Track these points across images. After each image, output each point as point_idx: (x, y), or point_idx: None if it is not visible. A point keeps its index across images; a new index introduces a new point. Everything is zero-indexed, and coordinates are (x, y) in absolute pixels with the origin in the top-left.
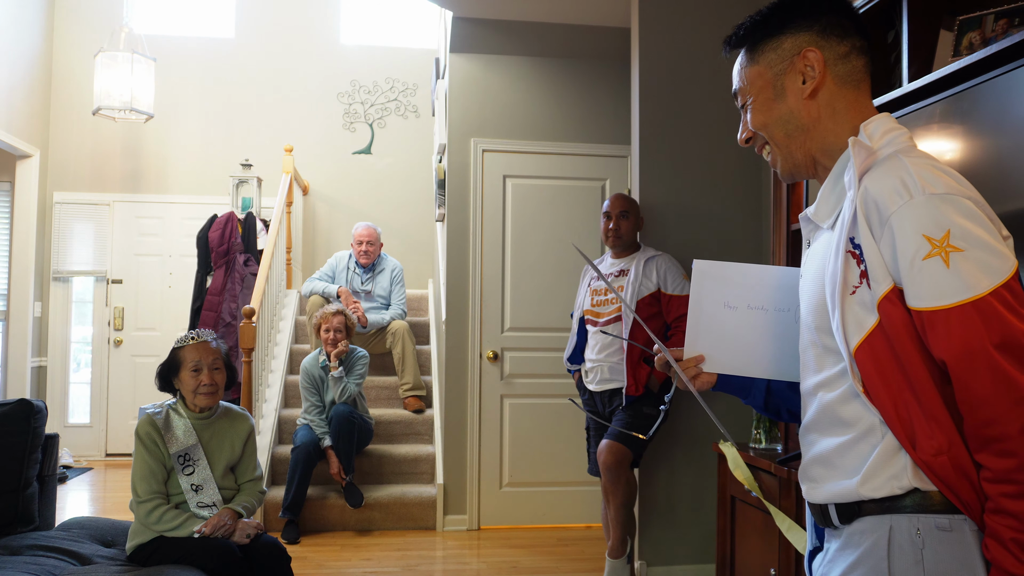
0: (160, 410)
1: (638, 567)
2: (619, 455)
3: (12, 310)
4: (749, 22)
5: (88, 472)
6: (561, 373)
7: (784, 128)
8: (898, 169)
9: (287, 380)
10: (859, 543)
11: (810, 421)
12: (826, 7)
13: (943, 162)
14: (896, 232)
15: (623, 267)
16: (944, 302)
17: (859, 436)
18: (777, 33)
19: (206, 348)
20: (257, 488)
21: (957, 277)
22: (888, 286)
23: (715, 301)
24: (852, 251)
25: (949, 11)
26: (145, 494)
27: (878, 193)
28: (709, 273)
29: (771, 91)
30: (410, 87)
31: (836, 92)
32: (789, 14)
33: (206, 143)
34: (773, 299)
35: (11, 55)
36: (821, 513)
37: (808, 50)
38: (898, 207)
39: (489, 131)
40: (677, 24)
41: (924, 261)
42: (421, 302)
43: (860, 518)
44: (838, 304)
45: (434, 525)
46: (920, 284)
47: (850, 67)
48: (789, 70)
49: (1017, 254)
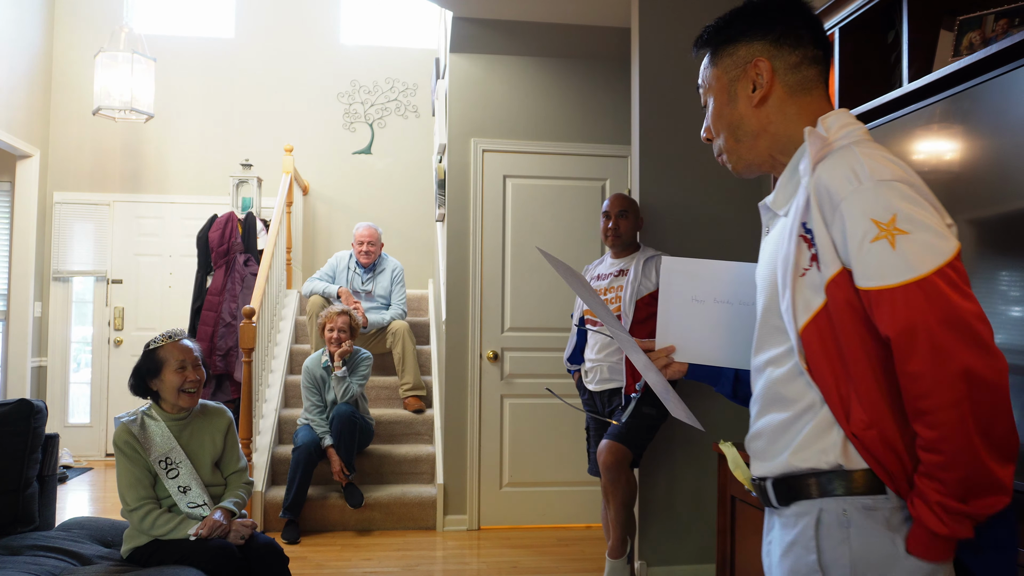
0: (135, 417)
1: (638, 567)
2: (619, 455)
3: (12, 310)
4: (712, 26)
5: (88, 472)
6: (561, 373)
7: (733, 132)
8: (849, 158)
9: (287, 380)
10: (795, 524)
11: (757, 395)
12: (781, 17)
13: (942, 162)
14: (846, 217)
15: (623, 267)
16: (890, 282)
17: (799, 413)
18: (734, 40)
19: (186, 347)
20: (243, 479)
21: (903, 258)
22: (836, 269)
23: (683, 295)
24: (804, 235)
25: (949, 11)
26: (135, 501)
27: (830, 180)
28: (678, 269)
29: (725, 95)
30: (410, 87)
31: (786, 99)
32: (746, 22)
33: (206, 143)
34: (737, 293)
35: (11, 55)
36: (761, 491)
37: (758, 60)
38: (848, 193)
39: (489, 131)
40: (677, 24)
41: (872, 243)
42: (421, 302)
43: (797, 502)
44: (789, 285)
45: (434, 525)
46: (868, 265)
47: (801, 77)
48: (741, 77)
49: (1017, 254)
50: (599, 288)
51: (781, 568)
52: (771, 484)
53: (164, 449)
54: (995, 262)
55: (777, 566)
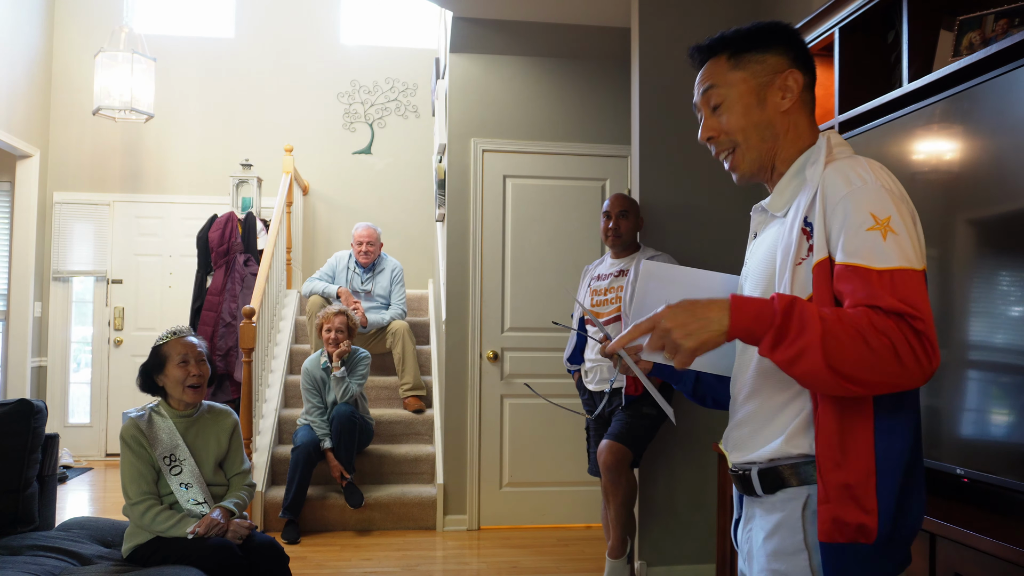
0: (143, 413)
1: (638, 567)
2: (619, 455)
3: (12, 310)
4: (734, 32)
5: (88, 472)
6: (561, 373)
7: (761, 133)
8: (859, 164)
9: (287, 380)
10: (781, 509)
11: (745, 384)
12: (800, 42)
13: (942, 162)
14: (850, 206)
15: (623, 267)
16: (875, 264)
17: (789, 399)
18: (763, 48)
19: (189, 343)
20: (245, 481)
21: (889, 250)
22: (823, 255)
23: (657, 298)
24: (805, 228)
25: (949, 11)
26: (136, 496)
27: (842, 176)
28: (655, 274)
29: (753, 98)
30: (410, 87)
31: (799, 113)
32: (774, 35)
33: (206, 143)
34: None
35: (11, 55)
36: (743, 481)
37: (794, 71)
38: (855, 187)
39: (489, 131)
40: (677, 24)
41: (867, 232)
42: (421, 302)
43: (783, 489)
44: (788, 270)
45: (434, 525)
46: (859, 246)
47: (809, 96)
48: (771, 84)
49: (1017, 254)
50: (599, 288)
51: (764, 550)
52: (756, 473)
53: (169, 446)
54: (995, 262)
55: (760, 548)
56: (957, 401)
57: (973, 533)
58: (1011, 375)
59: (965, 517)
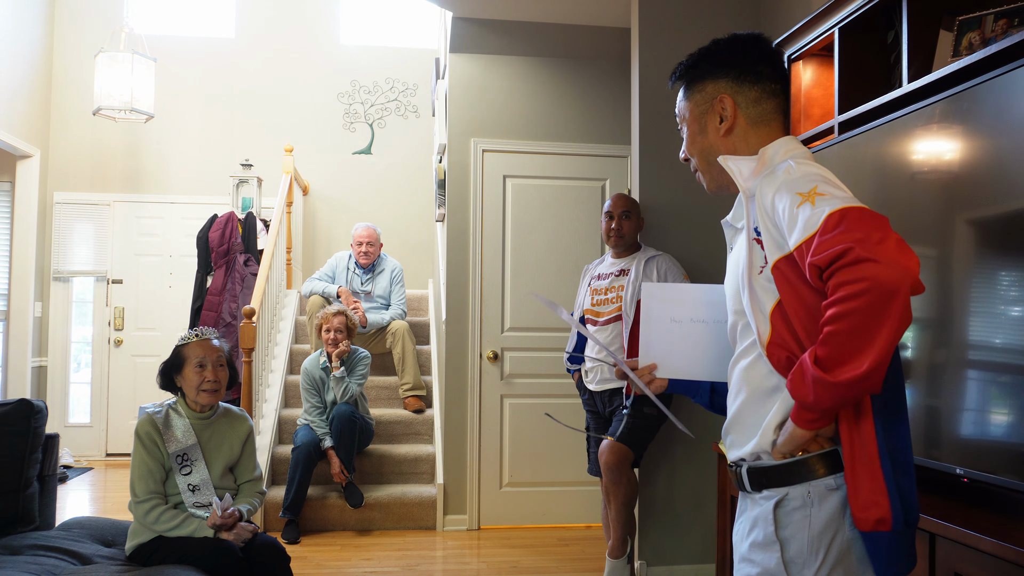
0: (160, 409)
1: (638, 567)
2: (620, 455)
3: (12, 310)
4: (684, 64)
5: (88, 472)
6: (561, 373)
7: (706, 157)
8: (783, 167)
9: (287, 380)
10: (762, 504)
11: (736, 388)
12: (742, 57)
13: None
14: (778, 197)
15: (623, 267)
16: (812, 230)
17: (767, 393)
18: (702, 78)
19: (209, 345)
20: (256, 488)
21: (821, 208)
22: (778, 255)
23: (662, 317)
24: (756, 239)
25: (949, 11)
26: (143, 494)
27: (769, 178)
28: (657, 295)
29: (697, 126)
30: (410, 87)
31: (748, 130)
32: (711, 62)
33: (206, 143)
34: (712, 313)
35: (11, 55)
36: (736, 477)
37: (723, 96)
38: (780, 183)
39: (489, 131)
40: (677, 24)
41: (798, 208)
42: (421, 302)
43: (768, 488)
44: (746, 283)
45: (434, 525)
46: (796, 225)
47: (760, 110)
48: (709, 111)
49: (1017, 254)
50: (600, 287)
51: (747, 541)
52: (745, 471)
53: (183, 444)
54: (995, 262)
55: (745, 538)
56: (957, 401)
57: (973, 533)
58: (1011, 375)
59: (965, 517)
